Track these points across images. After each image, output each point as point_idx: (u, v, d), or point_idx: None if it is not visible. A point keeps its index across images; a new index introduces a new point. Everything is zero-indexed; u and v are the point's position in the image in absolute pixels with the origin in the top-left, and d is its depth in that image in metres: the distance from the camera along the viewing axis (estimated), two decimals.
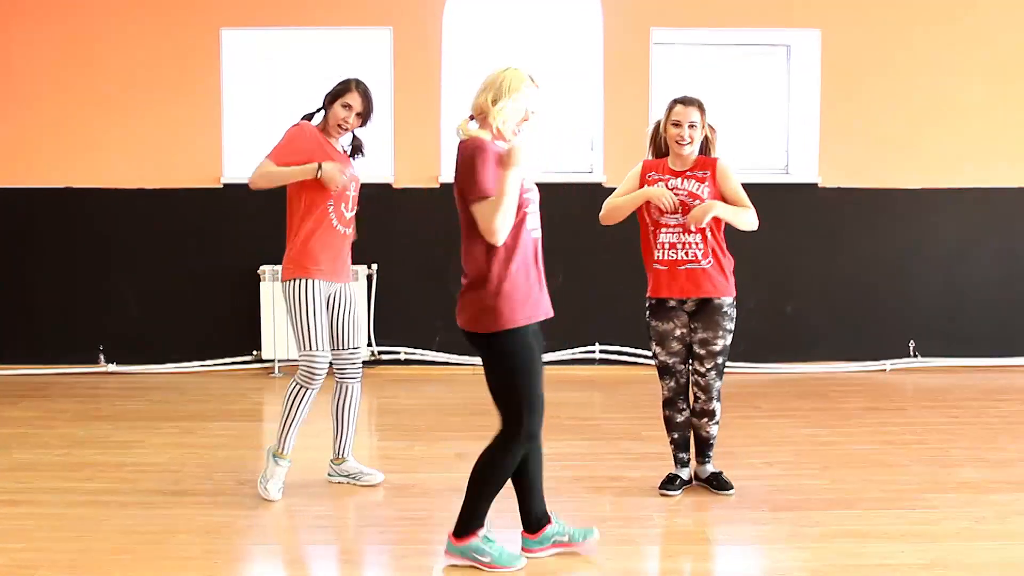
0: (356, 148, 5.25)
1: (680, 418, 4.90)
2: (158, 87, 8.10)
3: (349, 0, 8.09)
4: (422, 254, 8.10)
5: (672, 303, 4.78)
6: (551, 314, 4.02)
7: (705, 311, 4.77)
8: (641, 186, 4.82)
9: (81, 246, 8.22)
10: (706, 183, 4.79)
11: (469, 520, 3.97)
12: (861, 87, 8.22)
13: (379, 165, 8.23)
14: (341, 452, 5.16)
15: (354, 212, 5.12)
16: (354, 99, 4.99)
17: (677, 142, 4.81)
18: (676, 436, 4.94)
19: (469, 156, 3.83)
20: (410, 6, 8.09)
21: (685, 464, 4.97)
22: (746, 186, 8.57)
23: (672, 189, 4.76)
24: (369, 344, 8.04)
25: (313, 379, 4.84)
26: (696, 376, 4.83)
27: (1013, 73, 8.25)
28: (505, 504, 4.10)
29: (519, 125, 4.00)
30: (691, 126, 4.80)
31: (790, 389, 7.53)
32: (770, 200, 8.21)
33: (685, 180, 4.79)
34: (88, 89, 8.11)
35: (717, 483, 4.94)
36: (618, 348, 8.29)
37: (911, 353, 8.39)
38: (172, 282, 8.21)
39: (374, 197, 8.02)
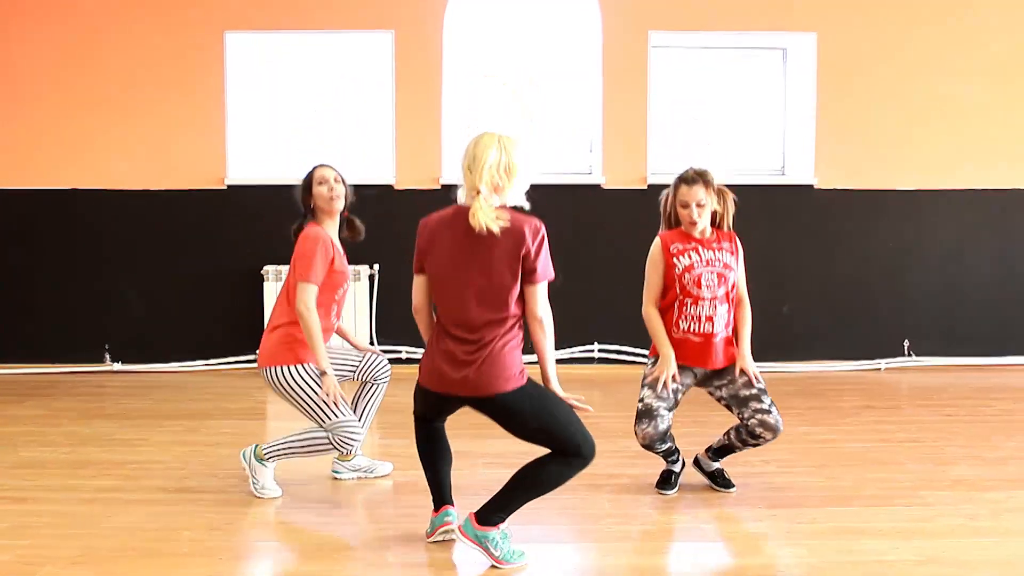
0: (354, 231, 5.17)
1: (661, 449, 4.86)
2: (162, 89, 8.15)
3: (351, 4, 8.13)
4: None
5: (685, 366, 4.79)
6: None
7: (726, 370, 4.81)
8: (668, 260, 4.73)
9: (86, 247, 8.27)
10: (735, 256, 4.83)
11: (500, 512, 3.99)
12: (856, 89, 8.28)
13: (381, 167, 8.32)
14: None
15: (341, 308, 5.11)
16: (320, 173, 4.98)
17: (689, 222, 4.76)
18: (663, 456, 4.95)
19: (541, 238, 3.91)
20: (411, 10, 8.14)
21: (677, 460, 4.99)
22: (743, 187, 8.65)
23: (707, 262, 4.74)
24: (372, 343, 8.10)
25: (352, 443, 4.76)
26: (761, 416, 4.69)
27: (1008, 75, 8.31)
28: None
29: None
30: (699, 205, 4.73)
31: (787, 388, 7.53)
32: (767, 201, 8.30)
33: (719, 252, 4.78)
34: (93, 92, 8.16)
35: (720, 480, 4.98)
36: (617, 347, 8.36)
37: (906, 352, 8.46)
38: (176, 282, 8.27)
39: (376, 199, 8.12)
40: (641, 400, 4.76)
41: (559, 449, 3.93)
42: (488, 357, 3.89)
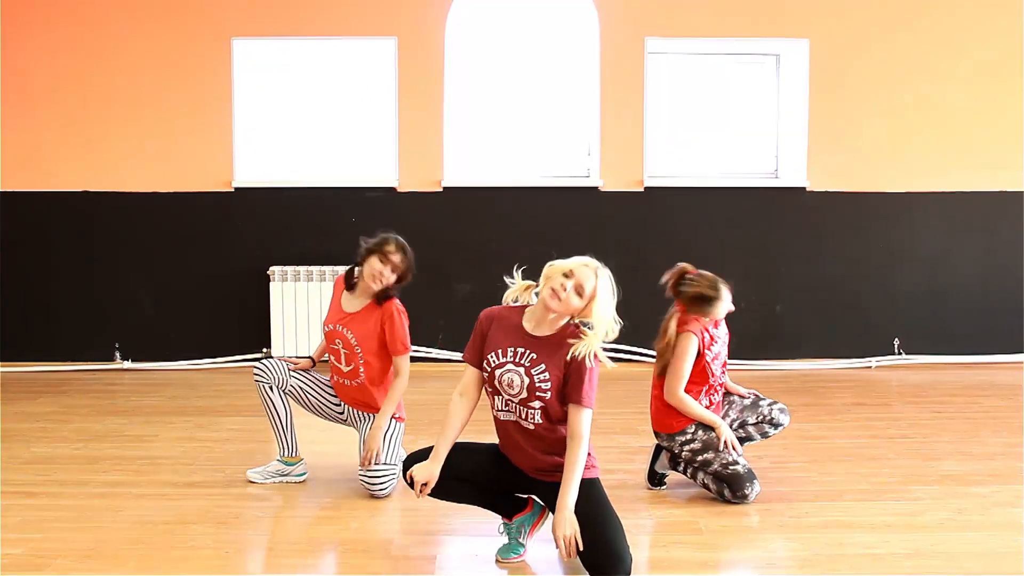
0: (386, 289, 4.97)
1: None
2: (171, 94, 8.21)
3: (356, 11, 8.19)
4: (425, 255, 8.19)
5: None
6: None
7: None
8: (702, 351, 4.82)
9: (98, 248, 8.32)
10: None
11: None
12: (848, 94, 8.35)
13: (384, 170, 8.40)
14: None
15: (353, 367, 4.99)
16: (393, 255, 4.84)
17: (713, 321, 4.93)
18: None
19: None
20: (414, 17, 8.19)
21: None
22: (737, 189, 8.78)
23: (720, 340, 4.98)
24: None
25: (260, 375, 4.96)
26: (775, 406, 5.05)
27: (993, 81, 8.38)
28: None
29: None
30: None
31: (779, 386, 7.57)
32: (760, 203, 8.40)
33: (718, 329, 5.02)
34: (103, 97, 8.21)
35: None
36: (614, 346, 8.37)
37: (896, 351, 8.52)
38: (185, 282, 8.32)
39: (379, 201, 8.26)
40: (736, 463, 4.79)
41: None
42: None
